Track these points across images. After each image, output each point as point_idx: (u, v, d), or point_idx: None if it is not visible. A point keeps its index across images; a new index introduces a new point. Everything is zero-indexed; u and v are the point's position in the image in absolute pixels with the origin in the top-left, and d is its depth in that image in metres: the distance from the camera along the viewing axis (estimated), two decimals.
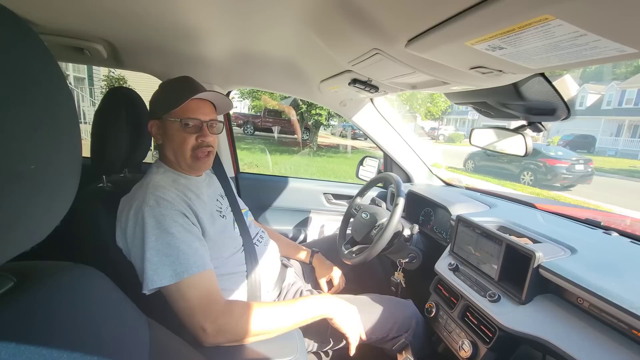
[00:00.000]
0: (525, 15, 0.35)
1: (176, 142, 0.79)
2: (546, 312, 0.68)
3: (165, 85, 0.84)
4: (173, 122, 0.78)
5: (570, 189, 8.20)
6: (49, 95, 0.25)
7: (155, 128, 0.82)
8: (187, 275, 0.65)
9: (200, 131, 0.80)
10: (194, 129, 0.79)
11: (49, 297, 0.30)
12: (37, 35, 0.25)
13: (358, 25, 0.61)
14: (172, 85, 0.83)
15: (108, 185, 0.86)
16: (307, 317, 0.75)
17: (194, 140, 0.79)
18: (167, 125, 0.79)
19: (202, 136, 0.80)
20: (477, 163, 9.96)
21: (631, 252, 0.81)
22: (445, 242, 1.14)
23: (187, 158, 0.80)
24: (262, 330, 0.69)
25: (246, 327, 0.67)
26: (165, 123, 0.80)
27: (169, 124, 0.79)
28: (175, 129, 0.78)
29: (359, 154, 9.70)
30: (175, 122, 0.78)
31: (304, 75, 1.23)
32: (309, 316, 0.76)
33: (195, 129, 0.79)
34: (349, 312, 0.82)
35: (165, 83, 0.85)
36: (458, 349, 0.82)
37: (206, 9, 0.73)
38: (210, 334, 0.64)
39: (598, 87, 22.13)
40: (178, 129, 0.78)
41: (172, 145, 0.80)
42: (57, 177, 0.26)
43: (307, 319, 0.75)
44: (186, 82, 0.82)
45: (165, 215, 0.70)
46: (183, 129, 0.78)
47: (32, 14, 0.80)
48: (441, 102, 10.63)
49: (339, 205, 1.72)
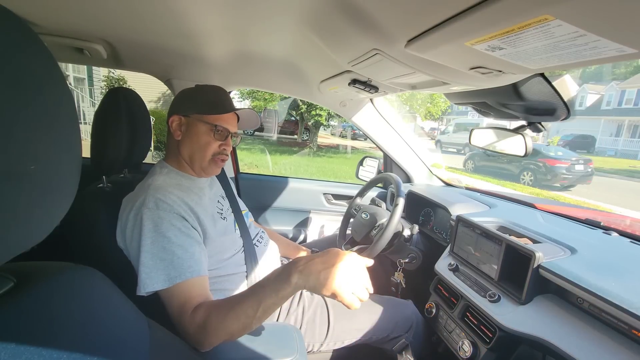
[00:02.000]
0: (524, 16, 0.35)
1: (200, 143, 0.81)
2: (546, 312, 0.68)
3: (203, 89, 0.86)
4: (203, 124, 0.80)
5: (570, 189, 8.20)
6: (49, 95, 0.25)
7: (178, 123, 0.82)
8: (179, 280, 0.65)
9: (225, 140, 0.83)
10: (220, 137, 0.82)
11: (49, 297, 0.30)
12: (37, 36, 0.25)
13: (358, 25, 0.61)
14: (212, 91, 0.85)
15: (108, 185, 0.86)
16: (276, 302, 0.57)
17: (217, 147, 0.82)
18: (194, 125, 0.81)
19: (225, 145, 0.84)
20: (477, 163, 9.96)
21: (631, 252, 0.81)
22: (445, 242, 1.14)
23: (205, 161, 0.82)
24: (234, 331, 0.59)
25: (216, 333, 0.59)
26: (193, 122, 0.81)
27: (197, 124, 0.80)
28: (203, 131, 0.80)
29: (358, 154, 9.70)
30: (206, 125, 0.80)
31: (304, 75, 1.24)
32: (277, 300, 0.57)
33: (221, 137, 0.82)
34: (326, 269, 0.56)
35: (203, 87, 0.87)
36: (458, 349, 0.82)
37: (206, 9, 0.73)
38: (191, 341, 0.61)
39: (598, 87, 22.14)
40: (206, 132, 0.81)
41: (192, 145, 0.81)
42: (57, 177, 0.26)
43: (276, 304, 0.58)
44: (225, 95, 0.86)
45: (163, 218, 0.69)
46: (212, 134, 0.81)
47: (32, 15, 0.80)
48: (441, 103, 10.63)
49: (339, 206, 1.72)
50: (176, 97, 0.87)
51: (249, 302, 0.58)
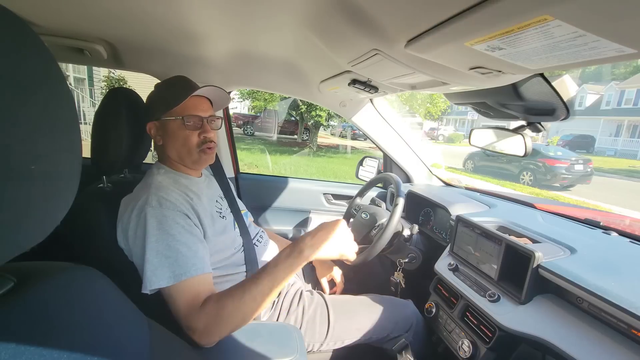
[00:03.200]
0: (524, 16, 0.36)
1: (179, 141, 0.80)
2: (546, 312, 0.68)
3: (160, 86, 0.85)
4: (173, 121, 0.79)
5: (570, 189, 8.21)
6: (49, 95, 0.25)
7: (155, 129, 0.82)
8: (184, 277, 0.65)
9: (202, 128, 0.81)
10: (194, 126, 0.80)
11: (49, 297, 0.30)
12: (38, 36, 0.25)
13: (358, 26, 0.61)
14: (167, 86, 0.83)
15: (108, 185, 0.86)
16: (289, 274, 0.67)
17: (197, 137, 0.80)
18: (167, 125, 0.80)
19: (204, 132, 0.81)
20: (476, 163, 9.97)
21: (630, 252, 0.81)
22: (445, 242, 1.14)
23: (194, 155, 0.81)
24: (248, 313, 0.64)
25: (230, 319, 0.63)
26: (164, 123, 0.80)
27: (169, 123, 0.79)
28: (176, 127, 0.79)
29: (358, 154, 9.70)
30: (176, 120, 0.78)
31: (303, 75, 1.24)
32: (290, 272, 0.67)
33: (196, 126, 0.80)
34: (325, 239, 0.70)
35: (160, 84, 0.85)
36: (458, 348, 0.82)
37: (206, 10, 0.73)
38: (199, 339, 0.63)
39: (597, 87, 22.16)
40: (179, 127, 0.79)
41: (174, 145, 0.80)
42: (57, 177, 0.26)
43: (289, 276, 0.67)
44: (182, 81, 0.83)
45: (167, 216, 0.70)
46: (185, 127, 0.78)
47: (33, 15, 0.80)
48: (441, 103, 10.64)
49: (339, 206, 1.72)
50: (145, 105, 0.86)
51: (265, 281, 0.65)
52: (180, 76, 0.85)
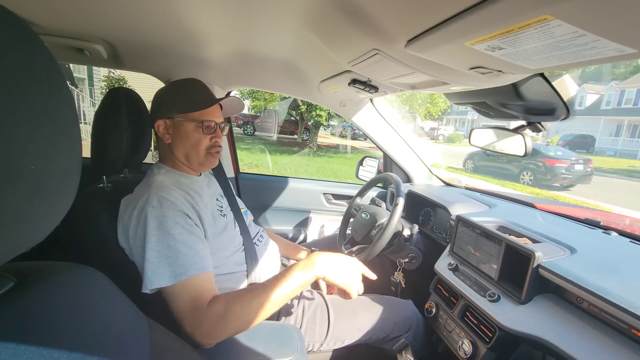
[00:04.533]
0: (524, 16, 0.35)
1: (191, 142, 0.81)
2: (546, 311, 0.68)
3: (176, 86, 0.85)
4: (190, 123, 0.80)
5: (570, 189, 8.21)
6: (49, 95, 0.25)
7: (164, 127, 0.82)
8: (185, 277, 0.65)
9: (214, 132, 0.83)
10: (209, 131, 0.82)
11: (49, 297, 0.30)
12: (38, 36, 0.25)
13: (358, 25, 0.61)
14: (185, 87, 0.84)
15: (108, 185, 0.86)
16: (298, 287, 0.69)
17: (208, 141, 0.83)
18: (180, 125, 0.80)
19: (215, 137, 0.84)
20: (476, 163, 9.97)
21: (630, 252, 0.81)
22: (445, 242, 1.14)
23: (201, 157, 0.83)
24: (253, 318, 0.65)
25: (235, 322, 0.64)
26: (178, 123, 0.81)
27: (183, 124, 0.80)
28: (191, 129, 0.80)
29: (358, 154, 9.70)
30: (192, 123, 0.80)
31: (303, 75, 1.24)
32: (300, 285, 0.70)
33: (210, 131, 0.82)
34: (339, 265, 0.74)
35: (176, 84, 0.86)
36: (458, 348, 0.82)
37: (206, 10, 0.73)
38: (201, 338, 0.63)
39: (597, 87, 22.15)
40: (194, 130, 0.80)
41: (184, 145, 0.81)
42: (57, 177, 0.26)
43: (298, 289, 0.70)
44: (201, 85, 0.86)
45: (167, 216, 0.70)
46: (201, 130, 0.80)
47: (33, 15, 0.80)
48: (441, 103, 10.63)
49: (339, 206, 1.72)
50: (154, 101, 0.86)
51: (275, 290, 0.67)
52: (197, 80, 0.86)
